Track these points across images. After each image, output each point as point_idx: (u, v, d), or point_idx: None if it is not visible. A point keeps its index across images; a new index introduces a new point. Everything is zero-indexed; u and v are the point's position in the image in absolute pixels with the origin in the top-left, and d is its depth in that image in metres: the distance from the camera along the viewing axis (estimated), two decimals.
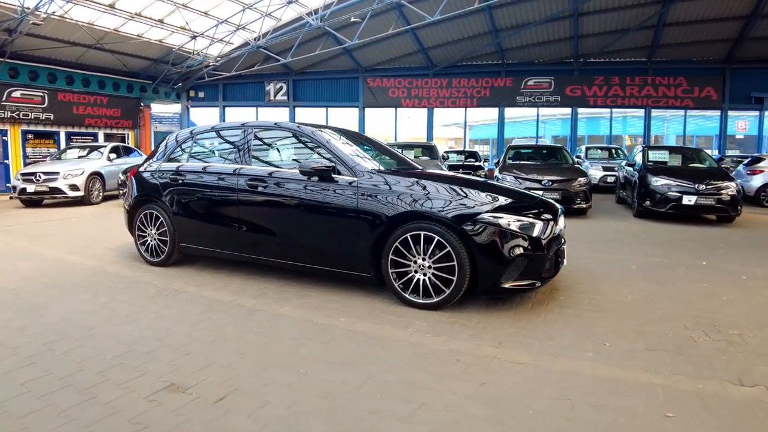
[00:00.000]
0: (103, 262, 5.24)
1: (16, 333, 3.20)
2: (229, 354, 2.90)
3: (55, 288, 4.25)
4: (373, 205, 3.76)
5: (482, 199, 3.69)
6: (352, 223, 3.84)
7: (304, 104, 22.09)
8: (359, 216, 3.80)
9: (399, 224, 3.70)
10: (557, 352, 3.06)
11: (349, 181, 3.90)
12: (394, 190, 3.77)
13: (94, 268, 5.00)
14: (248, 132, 4.61)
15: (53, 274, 4.73)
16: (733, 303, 4.20)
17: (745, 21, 16.14)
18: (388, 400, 2.39)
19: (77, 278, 4.57)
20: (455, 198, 3.67)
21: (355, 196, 3.83)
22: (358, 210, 3.80)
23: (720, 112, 18.94)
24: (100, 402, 2.32)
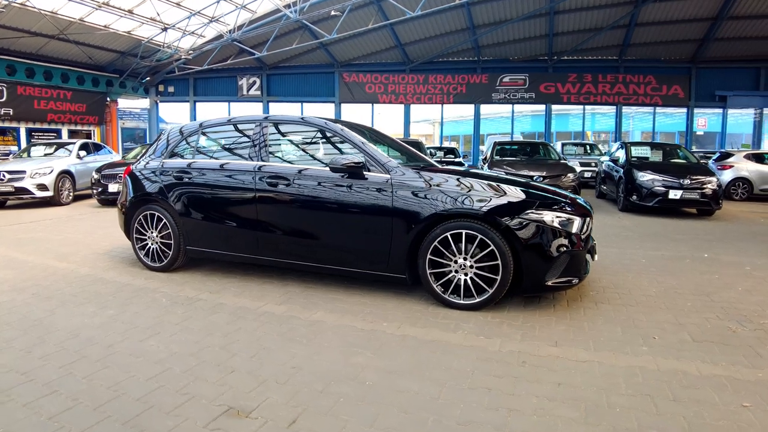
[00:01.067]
0: (96, 269, 4.84)
1: (23, 355, 2.80)
2: (280, 368, 2.66)
3: (51, 300, 3.84)
4: (410, 204, 3.60)
5: (523, 196, 3.61)
6: (387, 222, 3.66)
7: (279, 99, 21.65)
8: (394, 215, 3.63)
9: (437, 223, 3.56)
10: (614, 348, 3.03)
11: (383, 179, 3.72)
12: (432, 187, 3.63)
13: (90, 275, 4.60)
14: (265, 126, 4.32)
15: (45, 283, 4.31)
16: (750, 293, 4.31)
17: (711, 22, 16.79)
18: (473, 409, 2.26)
19: (74, 288, 4.18)
20: (496, 195, 3.57)
21: (390, 195, 3.66)
22: (393, 208, 3.63)
23: (686, 109, 19.67)
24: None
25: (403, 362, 2.74)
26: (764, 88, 18.61)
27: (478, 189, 3.61)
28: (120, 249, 5.76)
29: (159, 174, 4.66)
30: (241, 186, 4.19)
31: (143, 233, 4.71)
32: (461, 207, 3.51)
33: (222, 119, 4.77)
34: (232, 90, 21.37)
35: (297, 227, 4.03)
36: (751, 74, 18.84)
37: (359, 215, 3.77)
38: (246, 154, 4.33)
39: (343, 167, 3.72)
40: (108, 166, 10.81)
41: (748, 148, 17.94)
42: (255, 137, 4.34)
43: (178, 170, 4.56)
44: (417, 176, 3.71)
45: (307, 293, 4.01)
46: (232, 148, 4.56)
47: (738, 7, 15.72)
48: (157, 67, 19.24)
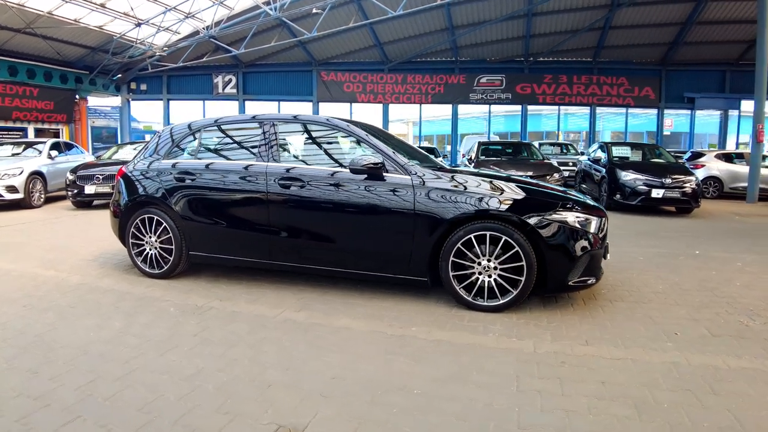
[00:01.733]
0: (89, 277, 4.56)
1: (31, 377, 2.55)
2: (320, 380, 2.54)
3: (48, 312, 3.54)
4: (433, 205, 3.55)
5: (545, 197, 3.62)
6: (409, 224, 3.60)
7: (255, 97, 21.30)
8: (417, 217, 3.57)
9: (459, 224, 3.52)
10: (642, 345, 3.09)
11: (404, 180, 3.65)
12: (455, 188, 3.59)
13: (84, 284, 4.32)
14: (273, 126, 4.17)
15: (36, 294, 3.99)
16: (749, 288, 4.47)
17: (681, 27, 17.38)
18: (529, 413, 2.24)
19: (69, 298, 3.90)
20: (518, 196, 3.59)
21: (412, 196, 3.59)
22: (415, 210, 3.57)
23: (657, 110, 20.30)
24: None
25: (444, 368, 2.68)
26: (729, 90, 19.38)
27: (504, 190, 3.61)
28: (109, 254, 5.48)
29: (158, 175, 4.44)
30: (253, 188, 4.03)
31: (140, 238, 4.45)
32: (486, 208, 3.49)
33: (221, 118, 4.60)
34: (207, 88, 20.90)
35: (313, 230, 3.92)
36: (717, 77, 19.61)
37: (380, 217, 3.69)
38: (256, 155, 4.18)
39: (364, 168, 3.64)
40: (84, 167, 10.39)
41: (714, 148, 18.66)
42: (265, 137, 4.17)
43: (181, 171, 4.35)
44: (438, 177, 3.67)
45: (324, 299, 3.90)
46: (239, 148, 4.41)
47: (706, 12, 16.32)
48: (130, 64, 18.64)
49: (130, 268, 4.80)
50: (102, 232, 6.87)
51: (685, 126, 20.60)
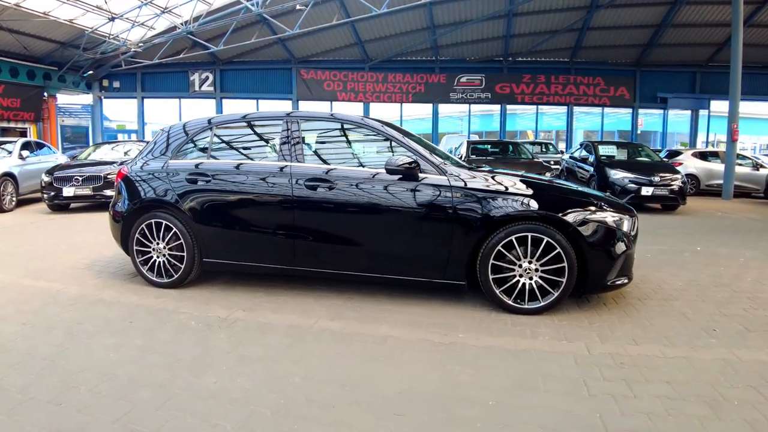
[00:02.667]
0: (87, 287, 4.20)
1: (55, 410, 2.23)
2: (385, 396, 2.39)
3: (53, 330, 3.20)
4: (473, 207, 3.46)
5: (582, 197, 3.60)
6: (447, 226, 3.50)
7: (233, 95, 20.85)
8: (455, 219, 3.47)
9: (499, 226, 3.45)
10: (688, 343, 3.11)
11: (441, 180, 3.55)
12: (494, 189, 3.52)
13: (84, 296, 3.94)
14: (296, 124, 3.97)
15: (31, 308, 3.61)
16: (761, 283, 4.59)
17: (655, 29, 17.88)
18: (612, 418, 2.20)
19: (73, 313, 3.54)
20: (557, 196, 3.56)
21: (450, 197, 3.49)
22: (453, 212, 3.47)
23: (632, 110, 20.85)
24: None
25: (508, 376, 2.60)
26: (699, 91, 20.07)
27: (544, 192, 3.56)
28: (103, 262, 5.10)
29: (166, 177, 4.13)
30: (275, 190, 3.82)
31: (146, 245, 4.13)
32: (528, 209, 3.43)
33: (234, 115, 4.40)
34: (183, 86, 20.33)
35: (344, 234, 3.76)
36: (688, 78, 20.28)
37: (416, 219, 3.58)
38: (275, 155, 3.99)
39: (401, 168, 3.51)
40: (60, 168, 9.86)
41: (685, 146, 19.30)
42: (285, 135, 3.96)
43: (193, 172, 4.07)
44: (474, 177, 3.60)
45: (352, 305, 3.74)
46: (256, 147, 4.21)
47: (679, 15, 16.83)
48: (102, 60, 17.93)
49: (131, 277, 4.48)
50: (88, 237, 6.52)
51: (658, 125, 21.22)
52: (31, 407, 2.26)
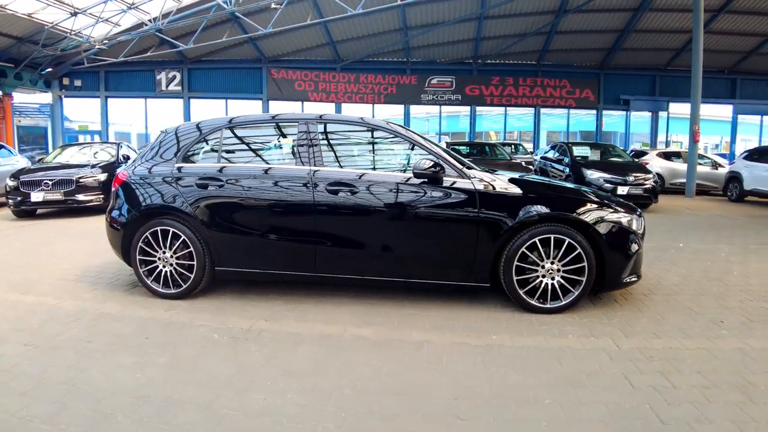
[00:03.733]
0: (84, 301, 3.89)
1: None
2: (443, 402, 2.36)
3: (62, 350, 2.95)
4: (497, 209, 3.52)
5: (598, 200, 3.72)
6: (472, 229, 3.54)
7: (201, 95, 20.34)
8: (480, 221, 3.52)
9: (522, 228, 3.52)
10: (702, 335, 3.30)
11: (466, 184, 3.59)
12: (517, 192, 3.59)
13: (84, 311, 3.66)
14: (316, 126, 3.90)
15: (29, 326, 3.33)
16: (747, 276, 4.90)
17: (618, 34, 18.59)
18: (661, 408, 2.30)
19: (77, 330, 3.28)
20: (576, 198, 3.66)
21: (476, 200, 3.54)
22: (478, 215, 3.52)
23: (596, 111, 21.59)
24: None
25: (552, 374, 2.66)
26: (658, 93, 21.00)
27: (565, 194, 3.67)
28: (93, 272, 4.78)
29: (173, 181, 3.93)
30: (297, 195, 3.72)
31: (151, 254, 3.92)
32: (550, 212, 3.52)
33: (254, 116, 4.31)
34: (150, 85, 19.67)
35: (367, 239, 3.72)
36: (649, 81, 21.19)
37: (442, 223, 3.60)
38: (293, 158, 3.90)
39: (428, 173, 3.52)
40: (27, 172, 9.34)
41: (647, 146, 20.15)
42: (303, 139, 3.87)
43: (204, 176, 3.90)
44: (496, 180, 3.67)
45: (377, 311, 3.69)
46: (272, 150, 4.14)
47: (642, 21, 17.57)
48: (62, 57, 17.14)
49: (130, 288, 4.26)
50: (68, 245, 6.20)
51: (620, 126, 22.05)
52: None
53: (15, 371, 2.67)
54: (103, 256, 5.31)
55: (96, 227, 7.38)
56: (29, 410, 2.26)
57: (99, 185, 9.21)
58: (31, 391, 2.44)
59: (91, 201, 9.05)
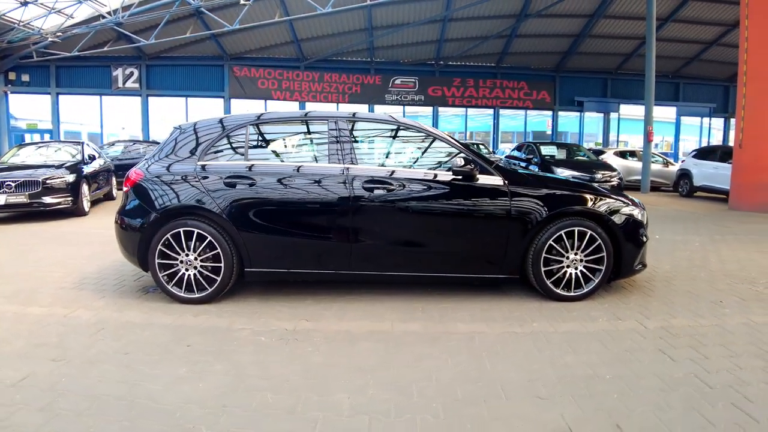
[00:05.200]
0: (98, 310, 3.66)
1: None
2: (522, 385, 2.48)
3: (100, 364, 2.73)
4: (527, 205, 3.73)
5: (613, 194, 4.02)
6: (504, 224, 3.73)
7: (160, 93, 19.66)
8: (511, 216, 3.72)
9: (549, 222, 3.75)
10: (709, 313, 3.67)
11: (498, 181, 3.77)
12: (544, 188, 3.82)
13: (104, 320, 3.44)
14: (347, 124, 3.93)
15: (50, 341, 3.07)
16: (723, 263, 5.37)
17: (574, 38, 19.53)
18: (707, 377, 2.58)
19: (108, 342, 3.06)
20: (596, 193, 3.94)
21: (508, 196, 3.73)
22: (510, 210, 3.72)
23: (552, 112, 22.55)
24: None
25: (600, 355, 2.88)
26: (610, 95, 22.21)
27: (584, 189, 3.95)
28: (92, 279, 4.50)
29: (198, 180, 3.79)
30: (332, 193, 3.74)
31: (173, 257, 3.76)
32: (575, 206, 3.79)
33: (284, 113, 4.33)
34: (105, 82, 18.79)
35: (404, 236, 3.81)
36: (601, 83, 22.36)
37: (476, 218, 3.77)
38: (324, 156, 3.91)
39: (465, 170, 3.68)
40: None
41: (599, 145, 21.26)
42: (336, 136, 3.90)
43: (234, 175, 3.80)
44: (526, 178, 3.90)
45: (413, 306, 3.75)
46: (302, 148, 4.11)
47: (597, 27, 18.56)
48: (9, 49, 16.12)
49: (141, 293, 4.06)
50: (52, 250, 5.73)
51: (575, 126, 23.11)
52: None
53: (57, 390, 2.44)
54: (95, 262, 5.07)
55: (71, 231, 7.05)
56: (96, 430, 2.12)
57: (67, 187, 8.61)
58: (88, 411, 2.25)
59: (59, 204, 8.41)
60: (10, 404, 2.30)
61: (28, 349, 2.94)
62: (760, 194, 9.48)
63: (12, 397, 2.37)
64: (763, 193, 9.48)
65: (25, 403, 2.31)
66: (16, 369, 2.66)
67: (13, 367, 2.69)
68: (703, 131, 23.17)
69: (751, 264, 5.32)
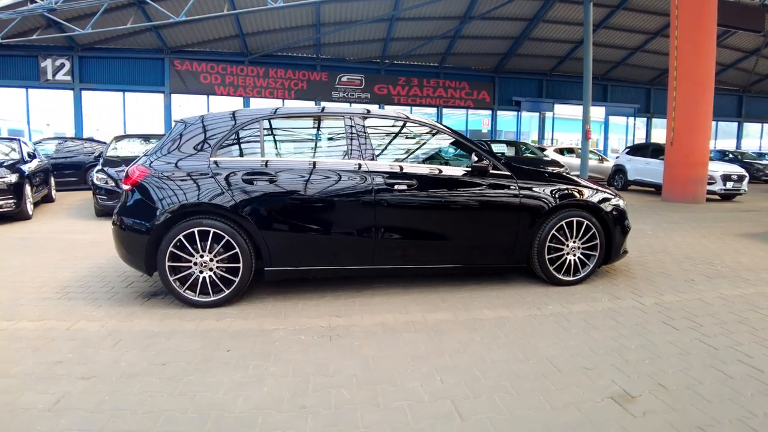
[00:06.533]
0: (100, 320, 3.42)
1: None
2: (572, 360, 2.81)
3: (139, 377, 2.59)
4: (534, 198, 4.07)
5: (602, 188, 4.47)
6: (515, 216, 4.04)
7: (94, 87, 18.42)
8: (521, 209, 4.04)
9: (552, 214, 4.11)
10: (687, 289, 4.25)
11: (508, 175, 4.09)
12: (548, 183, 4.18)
13: (117, 331, 3.22)
14: (362, 120, 3.99)
15: (64, 357, 2.83)
16: (680, 247, 6.08)
17: (513, 40, 20.52)
18: (709, 340, 3.05)
19: (135, 353, 2.89)
20: (589, 187, 4.36)
21: (517, 190, 4.04)
22: (520, 203, 4.03)
23: (491, 111, 23.54)
24: None
25: (617, 329, 3.25)
26: (545, 96, 23.53)
27: (583, 184, 4.35)
28: (74, 286, 4.20)
29: (212, 177, 3.68)
30: (356, 188, 3.80)
31: (186, 259, 3.63)
32: (576, 199, 4.19)
33: (299, 109, 4.36)
34: (32, 74, 17.29)
35: (426, 230, 3.97)
36: (537, 84, 23.63)
37: (491, 211, 4.05)
38: (344, 153, 3.95)
39: (482, 166, 3.95)
40: None
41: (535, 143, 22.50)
42: (353, 133, 3.95)
43: (252, 171, 3.72)
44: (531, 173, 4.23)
45: (433, 297, 3.92)
46: (320, 144, 4.15)
47: (536, 30, 19.61)
48: None
49: (141, 299, 3.88)
50: (11, 259, 5.18)
51: (513, 125, 24.26)
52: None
53: (106, 410, 2.26)
54: (65, 270, 4.73)
55: (19, 237, 6.49)
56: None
57: (9, 188, 7.81)
58: (158, 428, 2.13)
59: (0, 207, 7.77)
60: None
61: (45, 369, 2.67)
62: (690, 187, 10.58)
63: (56, 423, 2.15)
64: (693, 186, 10.59)
65: (77, 428, 2.12)
66: (42, 392, 2.42)
67: (38, 389, 2.44)
68: (628, 130, 25.15)
69: (701, 247, 6.04)
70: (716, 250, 5.84)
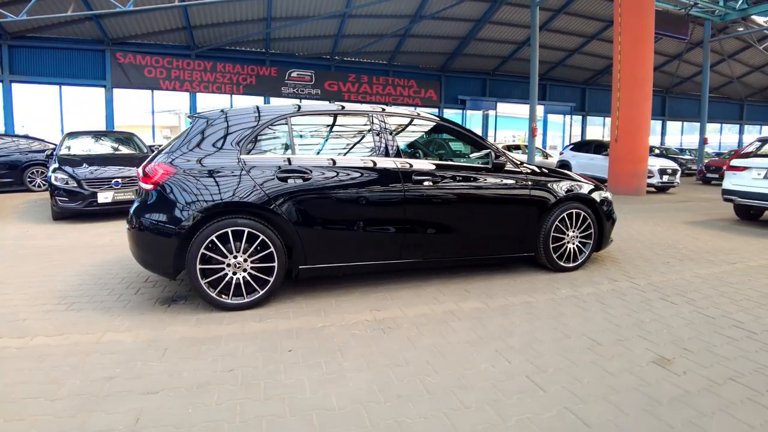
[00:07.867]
0: (129, 331, 3.22)
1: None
2: (599, 334, 3.24)
3: (211, 386, 2.50)
4: (543, 192, 4.48)
5: (594, 181, 4.98)
6: (526, 209, 4.42)
7: (27, 79, 17.14)
8: (531, 202, 4.43)
9: (556, 206, 4.53)
10: (669, 271, 4.83)
11: (521, 171, 4.45)
12: (550, 178, 4.59)
13: (155, 341, 3.07)
14: (385, 118, 4.12)
15: (113, 372, 2.64)
16: (642, 233, 6.72)
17: (460, 40, 21.28)
18: (707, 310, 3.60)
19: (192, 364, 2.75)
20: (586, 182, 4.84)
21: (528, 185, 4.43)
22: (530, 197, 4.42)
23: (438, 109, 24.23)
24: None
25: (627, 306, 3.73)
26: (488, 94, 24.57)
27: (580, 179, 4.81)
28: (76, 296, 3.95)
29: (243, 174, 3.61)
30: (387, 185, 3.90)
31: (220, 260, 3.54)
32: (577, 192, 4.65)
33: (321, 106, 4.33)
34: None
35: (452, 224, 4.20)
36: (481, 83, 24.62)
37: (507, 205, 4.41)
38: (373, 150, 4.03)
39: (500, 162, 4.31)
40: None
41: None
42: (377, 130, 4.07)
43: (286, 169, 3.70)
44: (535, 167, 4.63)
45: (455, 288, 4.13)
46: (348, 141, 4.24)
47: (482, 31, 20.44)
48: None
49: (160, 305, 3.72)
50: (22, 266, 4.88)
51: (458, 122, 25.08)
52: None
53: (196, 422, 2.17)
54: (53, 276, 4.47)
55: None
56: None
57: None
58: None
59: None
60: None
61: (98, 387, 2.46)
62: (634, 180, 11.60)
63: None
64: (635, 179, 11.62)
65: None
66: (112, 411, 2.25)
67: (106, 409, 2.26)
68: (565, 127, 26.79)
69: (660, 234, 6.77)
70: (674, 236, 6.59)
